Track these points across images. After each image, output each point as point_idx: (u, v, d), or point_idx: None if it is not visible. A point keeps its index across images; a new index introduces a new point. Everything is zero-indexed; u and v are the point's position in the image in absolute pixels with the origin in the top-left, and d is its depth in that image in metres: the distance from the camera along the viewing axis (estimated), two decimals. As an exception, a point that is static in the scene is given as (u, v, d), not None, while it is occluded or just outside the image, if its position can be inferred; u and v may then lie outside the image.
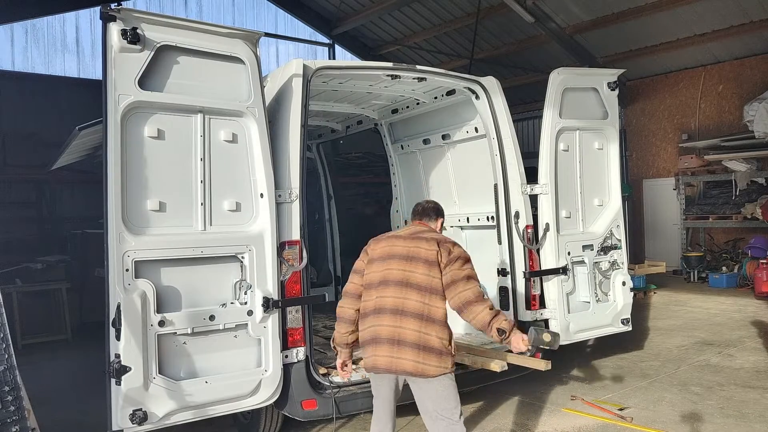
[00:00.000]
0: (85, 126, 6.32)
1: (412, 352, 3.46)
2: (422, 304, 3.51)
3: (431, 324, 3.49)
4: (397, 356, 3.48)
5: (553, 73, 5.98)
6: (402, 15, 15.93)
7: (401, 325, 3.49)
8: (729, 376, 6.36)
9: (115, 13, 3.79)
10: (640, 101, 15.56)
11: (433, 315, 3.52)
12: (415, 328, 3.47)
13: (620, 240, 6.33)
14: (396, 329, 3.49)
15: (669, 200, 14.95)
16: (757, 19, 12.30)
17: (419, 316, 3.49)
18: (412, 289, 3.54)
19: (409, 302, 3.51)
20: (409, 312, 3.50)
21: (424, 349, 3.46)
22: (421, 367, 3.46)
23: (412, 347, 3.46)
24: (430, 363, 3.46)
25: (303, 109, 4.72)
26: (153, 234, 3.97)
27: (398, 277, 3.57)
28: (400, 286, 3.55)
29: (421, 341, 3.46)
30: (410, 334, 3.47)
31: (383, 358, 3.51)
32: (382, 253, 3.69)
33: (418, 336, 3.46)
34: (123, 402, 3.75)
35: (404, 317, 3.49)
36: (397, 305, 3.52)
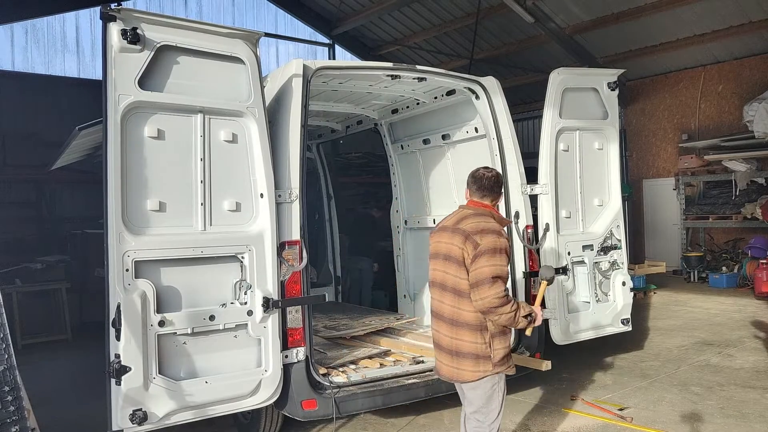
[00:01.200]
0: (85, 126, 6.32)
1: (448, 358, 3.43)
2: (453, 308, 3.40)
3: (462, 329, 3.36)
4: (439, 360, 3.48)
5: (553, 73, 5.98)
6: (402, 15, 15.93)
7: (438, 329, 3.47)
8: (729, 376, 6.36)
9: (115, 13, 3.79)
10: (640, 101, 15.56)
11: (463, 319, 3.36)
12: (447, 334, 3.41)
13: (620, 240, 6.33)
14: (437, 333, 3.48)
15: (669, 200, 14.95)
16: (756, 20, 12.30)
17: (451, 321, 3.40)
18: (447, 291, 3.44)
19: (444, 306, 3.45)
20: (444, 317, 3.43)
21: (457, 355, 3.37)
22: (456, 373, 3.40)
23: (448, 353, 3.42)
24: (466, 368, 3.36)
25: (303, 109, 4.72)
26: (153, 234, 3.97)
27: (438, 278, 3.51)
28: (439, 289, 3.49)
29: (453, 347, 3.38)
30: (444, 340, 3.43)
31: (444, 367, 3.48)
32: (432, 250, 3.59)
33: (450, 341, 3.40)
34: (123, 402, 3.75)
35: (440, 322, 3.45)
36: (436, 309, 3.50)
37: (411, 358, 5.45)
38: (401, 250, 7.95)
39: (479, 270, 3.30)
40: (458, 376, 3.39)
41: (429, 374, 5.13)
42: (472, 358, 3.34)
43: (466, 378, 3.37)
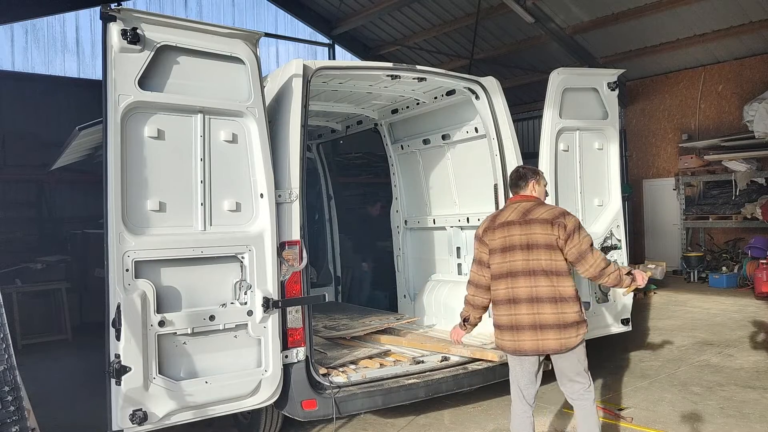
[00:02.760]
0: (85, 126, 6.32)
1: (555, 332, 3.77)
2: (553, 288, 3.79)
3: (565, 303, 3.80)
4: (542, 338, 3.79)
5: (553, 73, 5.98)
6: (402, 15, 15.93)
7: (539, 311, 3.78)
8: (729, 376, 6.36)
9: (115, 13, 3.79)
10: (640, 101, 15.56)
11: (565, 294, 3.80)
12: (553, 311, 3.77)
13: (620, 240, 6.33)
14: (535, 316, 3.78)
15: (669, 200, 14.95)
16: (757, 20, 12.29)
17: (553, 299, 3.78)
18: (540, 275, 3.80)
19: (541, 289, 3.79)
20: (544, 298, 3.78)
21: (564, 327, 3.78)
22: (564, 343, 3.80)
23: (554, 328, 3.78)
24: (571, 336, 3.79)
25: (303, 109, 4.72)
26: (153, 234, 3.97)
27: (524, 267, 3.83)
28: (528, 276, 3.81)
29: (560, 321, 3.78)
30: (550, 318, 3.77)
31: (529, 342, 3.81)
32: (502, 245, 3.89)
33: (557, 317, 3.77)
34: (123, 402, 3.75)
35: (540, 304, 3.78)
36: (530, 294, 3.80)
37: (411, 358, 5.45)
38: (401, 250, 7.94)
39: (579, 245, 3.82)
40: (566, 344, 3.80)
41: (429, 374, 5.14)
42: (575, 326, 3.80)
43: (572, 344, 3.81)
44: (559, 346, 3.81)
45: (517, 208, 3.99)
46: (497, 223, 3.99)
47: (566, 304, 3.80)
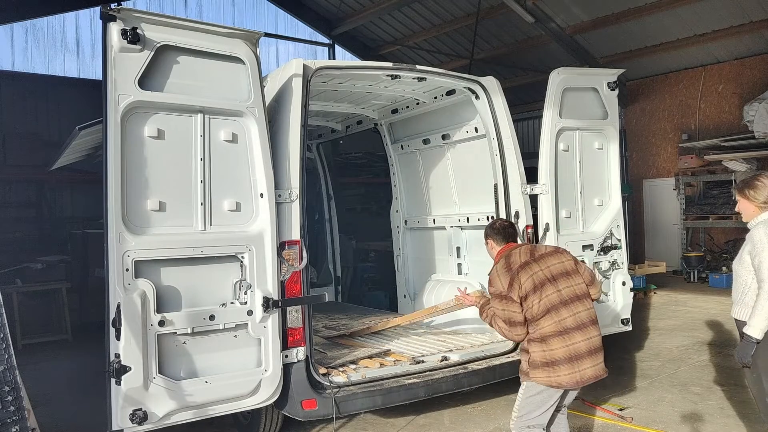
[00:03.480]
0: (85, 126, 6.32)
1: (598, 357, 3.80)
2: (588, 311, 3.83)
3: (597, 325, 3.86)
4: (597, 363, 3.78)
5: (553, 73, 5.98)
6: (402, 15, 15.93)
7: (590, 335, 3.77)
8: (729, 376, 6.35)
9: (115, 13, 3.79)
10: (640, 101, 15.56)
11: (595, 316, 3.86)
12: (598, 333, 3.82)
13: (620, 240, 6.33)
14: (589, 341, 3.75)
15: (669, 200, 14.95)
16: (757, 20, 12.30)
17: (593, 322, 3.81)
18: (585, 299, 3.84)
19: (582, 314, 3.78)
20: (588, 322, 3.78)
21: (602, 349, 3.83)
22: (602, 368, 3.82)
23: (598, 352, 3.80)
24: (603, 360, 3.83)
25: (303, 109, 4.72)
26: (153, 234, 3.97)
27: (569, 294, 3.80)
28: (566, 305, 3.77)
29: (600, 344, 3.82)
30: (597, 340, 3.80)
31: (590, 370, 3.74)
32: (532, 284, 3.78)
33: (600, 339, 3.82)
34: (123, 402, 3.75)
35: (587, 329, 3.77)
36: (577, 321, 3.75)
37: (411, 358, 5.45)
38: (401, 250, 7.95)
39: (586, 269, 3.99)
40: (602, 370, 3.81)
41: (429, 374, 5.13)
42: (602, 350, 3.84)
43: (605, 371, 3.84)
44: (605, 370, 3.85)
45: (521, 251, 3.96)
46: (515, 269, 3.83)
47: (596, 328, 3.84)
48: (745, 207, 3.97)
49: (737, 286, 4.00)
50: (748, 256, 3.85)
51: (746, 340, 3.75)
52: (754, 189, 3.90)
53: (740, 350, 3.81)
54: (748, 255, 3.84)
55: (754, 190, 3.89)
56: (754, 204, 3.90)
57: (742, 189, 3.97)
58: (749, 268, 3.84)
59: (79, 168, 10.53)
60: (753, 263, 3.79)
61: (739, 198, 4.00)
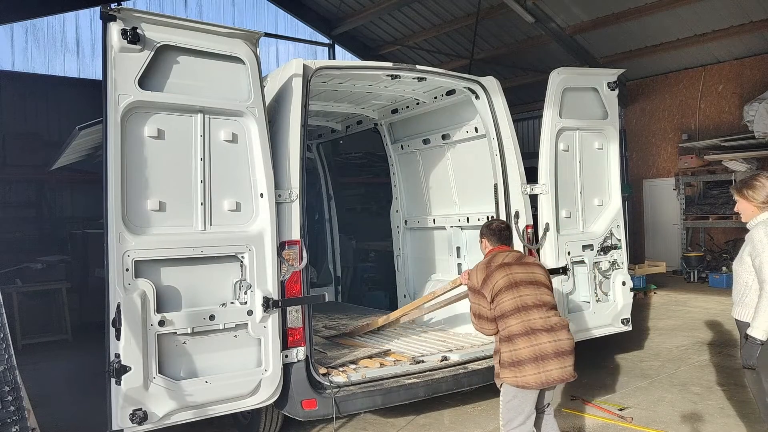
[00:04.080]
0: (85, 126, 6.32)
1: (571, 358, 3.85)
2: (560, 318, 3.94)
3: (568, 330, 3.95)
4: (565, 366, 3.81)
5: (553, 73, 5.98)
6: (402, 15, 15.93)
7: (558, 338, 3.81)
8: (729, 376, 6.35)
9: (115, 13, 3.79)
10: (640, 101, 15.56)
11: (566, 323, 3.97)
12: (568, 337, 3.88)
13: (620, 240, 6.33)
14: (556, 343, 3.80)
15: (669, 200, 14.95)
16: (757, 19, 12.30)
17: (564, 327, 3.90)
18: (548, 308, 3.91)
19: (553, 319, 3.88)
20: (558, 326, 3.86)
21: (573, 352, 3.89)
22: (570, 372, 3.86)
23: (570, 354, 3.86)
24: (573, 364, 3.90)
25: (303, 109, 4.72)
26: (153, 234, 3.97)
27: (534, 301, 3.87)
28: (539, 307, 3.86)
29: (572, 347, 3.89)
30: (566, 344, 3.84)
31: (557, 371, 3.77)
32: (506, 282, 3.89)
33: (570, 343, 3.88)
34: (123, 402, 3.75)
35: (557, 332, 3.83)
36: (546, 324, 3.82)
37: (411, 358, 5.45)
38: (401, 250, 7.95)
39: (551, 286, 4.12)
40: (570, 373, 3.85)
41: (429, 374, 5.14)
42: (572, 354, 3.89)
43: (573, 374, 3.87)
44: (574, 373, 3.89)
45: (508, 255, 4.09)
46: (493, 267, 3.97)
47: (567, 332, 3.91)
48: (744, 207, 3.97)
49: (738, 287, 3.99)
50: (748, 257, 3.84)
51: (750, 341, 3.72)
52: (752, 189, 3.89)
53: (745, 352, 3.78)
54: (749, 256, 3.84)
55: (753, 190, 3.89)
56: (753, 204, 3.90)
57: (740, 189, 3.97)
58: (749, 268, 3.84)
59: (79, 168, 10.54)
60: (753, 264, 3.79)
61: (738, 198, 3.99)
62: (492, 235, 4.23)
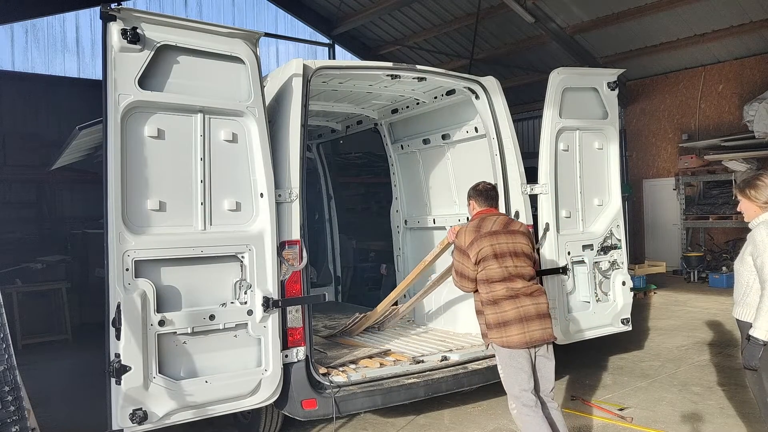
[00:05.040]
0: (85, 126, 6.32)
1: (549, 321, 4.16)
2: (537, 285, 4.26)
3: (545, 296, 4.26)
4: (545, 327, 4.10)
5: (553, 73, 5.98)
6: (402, 15, 15.93)
7: (538, 302, 4.12)
8: (729, 376, 6.35)
9: (115, 13, 3.79)
10: (640, 101, 15.56)
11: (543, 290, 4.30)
12: (545, 302, 4.19)
13: (620, 240, 6.33)
14: (538, 306, 4.11)
15: (669, 200, 14.95)
16: (757, 19, 12.30)
17: (542, 292, 4.21)
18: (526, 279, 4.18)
19: (533, 286, 4.18)
20: (536, 292, 4.16)
21: (548, 316, 4.18)
22: (549, 333, 4.15)
23: (549, 318, 4.16)
24: (550, 326, 4.19)
25: (303, 108, 4.72)
26: (153, 233, 3.97)
27: (515, 272, 4.15)
28: (520, 278, 4.14)
29: (547, 311, 4.18)
30: (545, 307, 4.16)
31: (539, 332, 4.06)
32: (493, 252, 4.14)
33: (548, 307, 4.21)
34: (123, 401, 3.75)
35: (537, 297, 4.13)
36: (527, 290, 4.12)
37: (411, 358, 5.45)
38: (401, 250, 7.95)
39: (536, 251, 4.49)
40: (550, 335, 4.14)
41: (429, 374, 5.14)
42: (550, 318, 4.22)
43: (552, 336, 4.17)
44: (553, 335, 4.18)
45: (496, 220, 4.30)
46: (483, 233, 4.19)
47: (545, 297, 4.23)
48: (746, 207, 3.97)
49: (739, 287, 3.99)
50: (750, 257, 3.84)
51: (753, 342, 3.71)
52: (755, 189, 3.89)
53: (747, 353, 3.76)
54: (750, 256, 3.84)
55: (756, 189, 3.89)
56: (756, 204, 3.90)
57: (743, 189, 3.97)
58: (751, 268, 3.83)
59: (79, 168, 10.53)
60: (755, 264, 3.78)
61: (741, 198, 3.99)
62: (479, 196, 4.45)
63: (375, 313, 6.39)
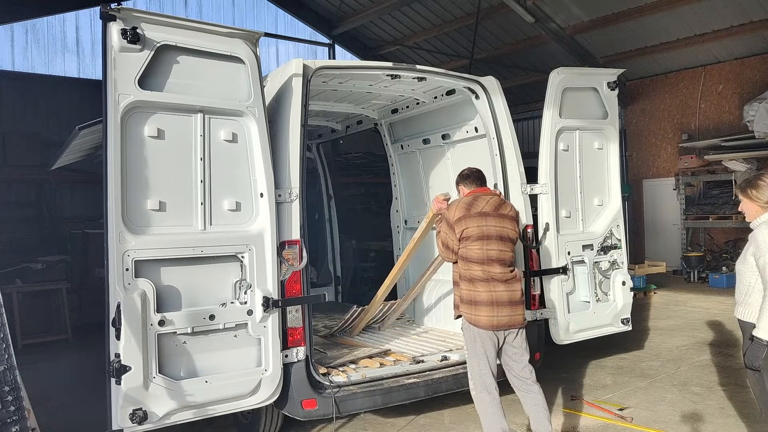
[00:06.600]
0: (85, 126, 6.32)
1: (521, 308, 4.34)
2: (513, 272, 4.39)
3: (519, 283, 4.43)
4: (515, 314, 4.29)
5: (553, 73, 5.97)
6: (402, 15, 15.93)
7: (512, 289, 4.31)
8: (729, 376, 6.35)
9: (115, 13, 3.79)
10: (640, 101, 15.56)
11: (519, 277, 4.46)
12: (520, 290, 4.38)
13: (620, 240, 6.32)
14: (511, 293, 4.29)
15: (669, 200, 14.95)
16: (757, 19, 12.30)
17: (518, 280, 4.38)
18: (508, 263, 4.37)
19: (509, 273, 4.33)
20: (512, 279, 4.32)
21: (519, 304, 4.35)
22: (517, 319, 4.32)
23: (520, 305, 4.35)
24: (521, 313, 4.38)
25: (303, 108, 4.72)
26: (153, 233, 3.97)
27: (498, 256, 4.33)
28: (501, 263, 4.31)
29: (517, 299, 4.34)
30: (518, 295, 4.34)
31: (506, 318, 4.26)
32: (479, 233, 4.31)
33: (521, 295, 4.39)
34: (123, 401, 3.75)
35: (512, 283, 4.32)
36: (504, 276, 4.30)
37: (411, 358, 5.45)
38: (401, 250, 7.93)
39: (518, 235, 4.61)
40: (519, 321, 4.33)
41: (429, 374, 5.14)
42: (523, 304, 4.41)
43: (522, 321, 4.35)
44: (522, 321, 4.37)
45: (489, 201, 4.45)
46: (472, 213, 4.34)
47: (519, 285, 4.40)
48: (748, 207, 3.97)
49: (740, 287, 3.99)
50: (752, 257, 3.84)
51: (756, 343, 3.70)
52: (757, 189, 3.89)
53: (750, 353, 3.75)
54: (752, 256, 3.84)
55: (757, 189, 3.89)
56: (757, 204, 3.90)
57: (744, 189, 3.97)
58: (753, 268, 3.83)
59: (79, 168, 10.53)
60: (757, 264, 3.78)
61: (742, 198, 3.99)
62: (465, 179, 4.61)
63: (374, 303, 6.38)
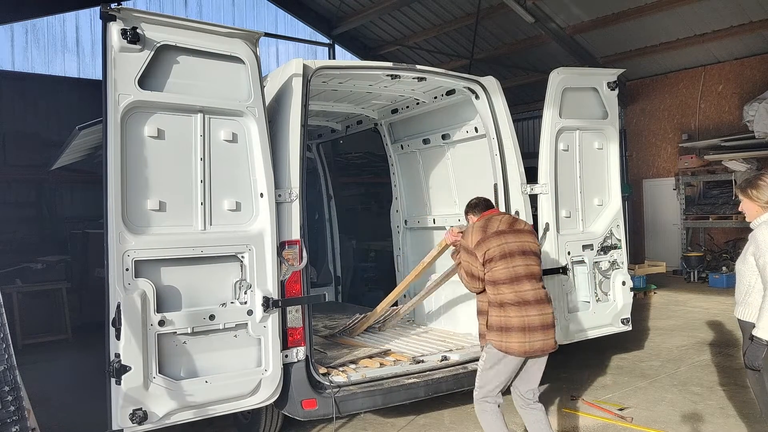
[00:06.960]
0: (85, 126, 6.32)
1: (547, 333, 4.02)
2: (545, 290, 4.15)
3: (551, 305, 4.15)
4: (547, 338, 4.01)
5: (553, 73, 5.97)
6: (402, 15, 15.93)
7: (544, 312, 4.04)
8: (729, 376, 6.35)
9: (115, 13, 3.79)
10: (640, 101, 15.56)
11: (549, 297, 4.18)
12: (552, 311, 4.10)
13: (620, 240, 6.32)
14: (543, 317, 4.02)
15: (669, 200, 14.95)
16: (757, 19, 12.30)
17: (549, 301, 4.12)
18: (537, 279, 4.13)
19: (540, 291, 4.09)
20: (544, 300, 4.08)
21: (552, 327, 4.08)
22: (550, 344, 4.05)
23: (549, 328, 4.04)
24: (553, 336, 4.08)
25: (303, 108, 4.72)
26: (153, 233, 3.97)
27: (525, 271, 4.07)
28: (530, 279, 4.07)
29: (551, 321, 4.08)
30: (550, 318, 4.07)
31: (539, 343, 3.98)
32: (501, 252, 4.08)
33: (553, 317, 4.11)
34: (123, 401, 3.75)
35: (544, 305, 4.06)
36: (536, 296, 4.04)
37: (411, 358, 5.45)
38: (401, 250, 7.94)
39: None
40: (551, 345, 4.05)
41: (429, 374, 5.13)
42: (554, 327, 4.11)
43: (554, 346, 4.07)
44: (554, 345, 4.08)
45: (502, 220, 4.28)
46: (489, 233, 4.15)
47: (551, 306, 4.12)
48: (748, 207, 3.97)
49: (740, 287, 3.99)
50: (752, 257, 3.84)
51: (756, 342, 3.69)
52: (757, 189, 3.89)
53: (750, 353, 3.74)
54: (752, 256, 3.84)
55: (757, 189, 3.89)
56: (758, 204, 3.90)
57: (745, 189, 3.97)
58: (753, 268, 3.83)
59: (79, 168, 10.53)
60: (757, 264, 3.78)
61: (742, 198, 3.99)
62: (473, 209, 4.47)
63: (374, 313, 6.39)
